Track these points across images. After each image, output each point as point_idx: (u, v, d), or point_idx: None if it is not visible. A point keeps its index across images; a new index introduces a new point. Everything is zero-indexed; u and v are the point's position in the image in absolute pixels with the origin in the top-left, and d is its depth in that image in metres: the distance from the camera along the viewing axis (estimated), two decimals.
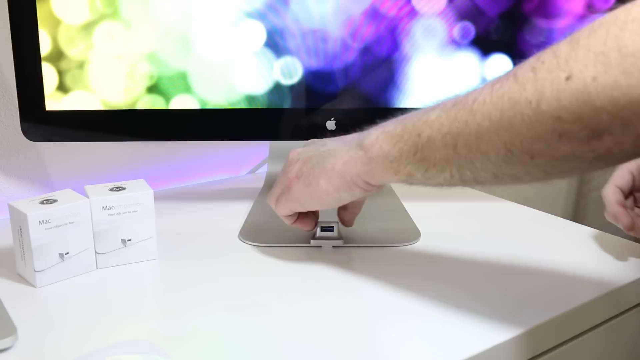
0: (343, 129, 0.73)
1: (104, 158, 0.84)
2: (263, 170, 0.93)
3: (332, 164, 0.54)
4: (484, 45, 0.71)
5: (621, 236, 0.69)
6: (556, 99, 0.38)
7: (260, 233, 0.69)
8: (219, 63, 0.71)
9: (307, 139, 0.74)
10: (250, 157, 0.97)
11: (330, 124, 0.73)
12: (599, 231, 0.70)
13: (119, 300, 0.55)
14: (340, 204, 0.58)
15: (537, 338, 0.52)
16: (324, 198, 0.56)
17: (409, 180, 0.50)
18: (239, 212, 0.76)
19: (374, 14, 0.69)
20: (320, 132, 0.73)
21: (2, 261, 0.62)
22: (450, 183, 0.48)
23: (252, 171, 0.97)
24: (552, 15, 0.70)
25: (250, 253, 0.65)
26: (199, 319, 0.52)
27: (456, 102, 0.45)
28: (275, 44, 0.70)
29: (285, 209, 0.60)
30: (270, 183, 0.83)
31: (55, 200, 0.57)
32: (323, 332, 0.50)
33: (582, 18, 0.70)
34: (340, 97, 0.72)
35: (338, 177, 0.54)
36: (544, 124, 0.39)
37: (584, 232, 0.71)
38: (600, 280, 0.59)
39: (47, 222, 0.56)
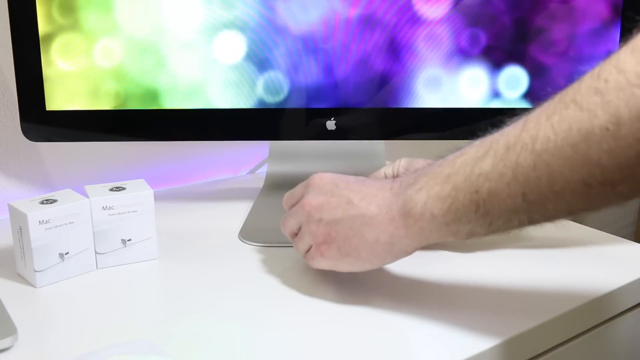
0: (343, 129, 0.73)
1: (104, 158, 0.84)
2: (263, 170, 0.93)
3: (374, 236, 0.49)
4: (494, 54, 0.70)
5: (621, 236, 0.69)
6: (637, 119, 0.34)
7: (260, 233, 0.69)
8: (193, 79, 0.70)
9: (307, 139, 0.74)
10: (250, 157, 0.97)
11: (330, 124, 0.73)
12: (599, 231, 0.70)
13: (119, 300, 0.55)
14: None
15: (537, 339, 0.52)
16: (366, 266, 0.52)
17: (471, 236, 0.46)
18: (239, 212, 0.76)
19: (372, 20, 0.69)
20: (320, 132, 0.73)
21: (2, 261, 0.62)
22: (517, 229, 0.44)
23: (252, 171, 0.97)
24: (574, 20, 0.68)
25: (250, 253, 0.65)
26: (198, 319, 0.52)
27: (508, 145, 0.41)
28: (261, 54, 0.70)
29: (319, 267, 0.55)
30: (270, 183, 0.83)
31: (55, 200, 0.57)
32: (323, 332, 0.50)
33: (608, 21, 0.69)
34: (340, 98, 0.72)
35: (385, 250, 0.50)
36: (627, 149, 0.35)
37: (584, 232, 0.71)
38: (599, 280, 0.58)
39: (47, 222, 0.56)
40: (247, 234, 0.69)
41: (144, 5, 0.67)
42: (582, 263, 0.62)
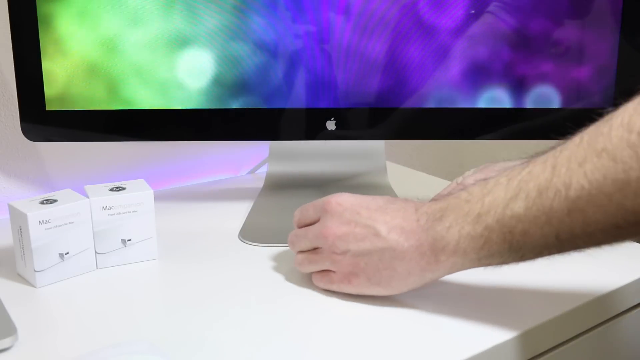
0: (343, 129, 0.73)
1: (104, 158, 0.84)
2: (263, 170, 0.93)
3: (406, 269, 0.50)
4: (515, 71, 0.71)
5: None
6: None
7: (260, 233, 0.69)
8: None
9: (307, 139, 0.74)
10: (250, 157, 0.97)
11: (330, 124, 0.73)
12: None
13: (119, 300, 0.55)
14: None
15: (537, 339, 0.52)
16: (394, 292, 0.53)
17: (501, 266, 0.48)
18: (239, 212, 0.76)
19: (373, 22, 0.69)
20: (320, 132, 0.73)
21: (2, 261, 0.62)
22: (546, 258, 0.47)
23: (252, 171, 0.97)
24: (608, 31, 0.67)
25: (250, 253, 0.65)
26: (198, 319, 0.52)
27: (540, 189, 0.43)
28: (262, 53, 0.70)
29: (341, 291, 0.56)
30: (270, 183, 0.83)
31: (55, 200, 0.57)
32: (323, 332, 0.50)
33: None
34: (340, 97, 0.72)
35: (415, 281, 0.51)
36: None
37: None
38: (600, 280, 0.58)
39: (47, 222, 0.56)
40: (247, 234, 0.69)
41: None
42: (582, 263, 0.62)
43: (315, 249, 0.56)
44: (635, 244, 0.67)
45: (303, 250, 0.57)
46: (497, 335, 0.49)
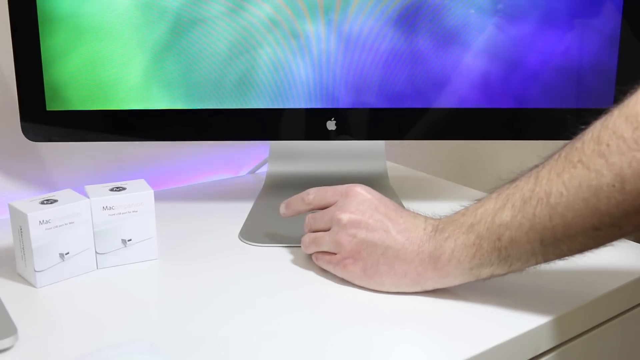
0: (343, 129, 0.73)
1: (104, 158, 0.84)
2: (263, 170, 0.93)
3: (403, 271, 0.53)
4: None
5: None
6: (639, 176, 0.41)
7: (260, 233, 0.69)
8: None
9: (307, 139, 0.74)
10: (250, 157, 0.97)
11: (331, 124, 0.73)
12: None
13: (119, 301, 0.55)
14: None
15: (536, 339, 0.52)
16: (383, 289, 0.55)
17: (490, 277, 0.51)
18: (239, 212, 0.76)
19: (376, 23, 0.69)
20: (320, 132, 0.73)
21: (2, 261, 0.62)
22: (533, 266, 0.50)
23: (252, 171, 0.97)
24: None
25: (250, 253, 0.65)
26: (199, 319, 0.52)
27: (524, 198, 0.47)
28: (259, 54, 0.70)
29: (335, 274, 0.58)
30: (270, 183, 0.83)
31: (55, 200, 0.57)
32: (324, 332, 0.50)
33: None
34: (340, 97, 0.72)
35: (407, 284, 0.54)
36: (632, 200, 0.42)
37: None
38: (599, 280, 0.59)
39: (47, 222, 0.56)
40: (247, 234, 0.69)
41: None
42: (582, 263, 0.62)
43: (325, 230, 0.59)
44: (633, 244, 0.67)
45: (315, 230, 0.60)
46: (493, 337, 0.49)
